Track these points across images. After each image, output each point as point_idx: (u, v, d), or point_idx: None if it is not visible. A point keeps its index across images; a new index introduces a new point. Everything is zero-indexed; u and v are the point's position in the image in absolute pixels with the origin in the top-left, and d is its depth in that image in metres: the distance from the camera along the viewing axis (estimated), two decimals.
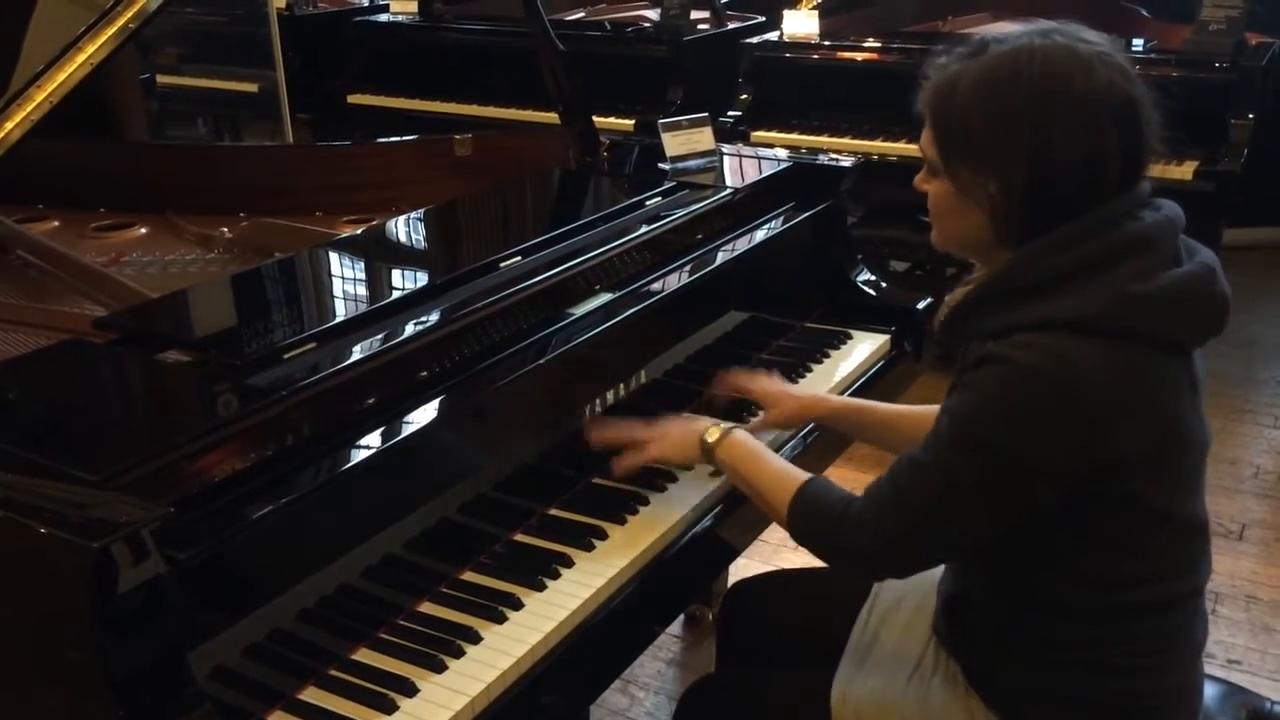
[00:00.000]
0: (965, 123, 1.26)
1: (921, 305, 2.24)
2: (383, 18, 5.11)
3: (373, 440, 1.36)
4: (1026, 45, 1.24)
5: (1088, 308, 1.19)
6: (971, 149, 1.26)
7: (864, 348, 2.14)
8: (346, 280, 1.79)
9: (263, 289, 1.75)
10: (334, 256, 1.85)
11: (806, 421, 1.81)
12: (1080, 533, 1.26)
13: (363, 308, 1.59)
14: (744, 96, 4.10)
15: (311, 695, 1.26)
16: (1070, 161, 1.22)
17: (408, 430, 1.39)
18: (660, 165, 2.24)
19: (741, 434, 1.56)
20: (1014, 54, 1.24)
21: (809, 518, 1.40)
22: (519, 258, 1.75)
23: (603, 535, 1.53)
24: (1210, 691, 1.46)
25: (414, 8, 4.97)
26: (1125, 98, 1.22)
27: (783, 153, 2.53)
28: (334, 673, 1.29)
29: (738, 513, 1.65)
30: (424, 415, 1.42)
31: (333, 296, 1.73)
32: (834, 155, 2.85)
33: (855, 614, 1.59)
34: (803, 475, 1.45)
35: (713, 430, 1.56)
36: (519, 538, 1.54)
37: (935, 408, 1.65)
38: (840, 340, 2.16)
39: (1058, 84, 1.21)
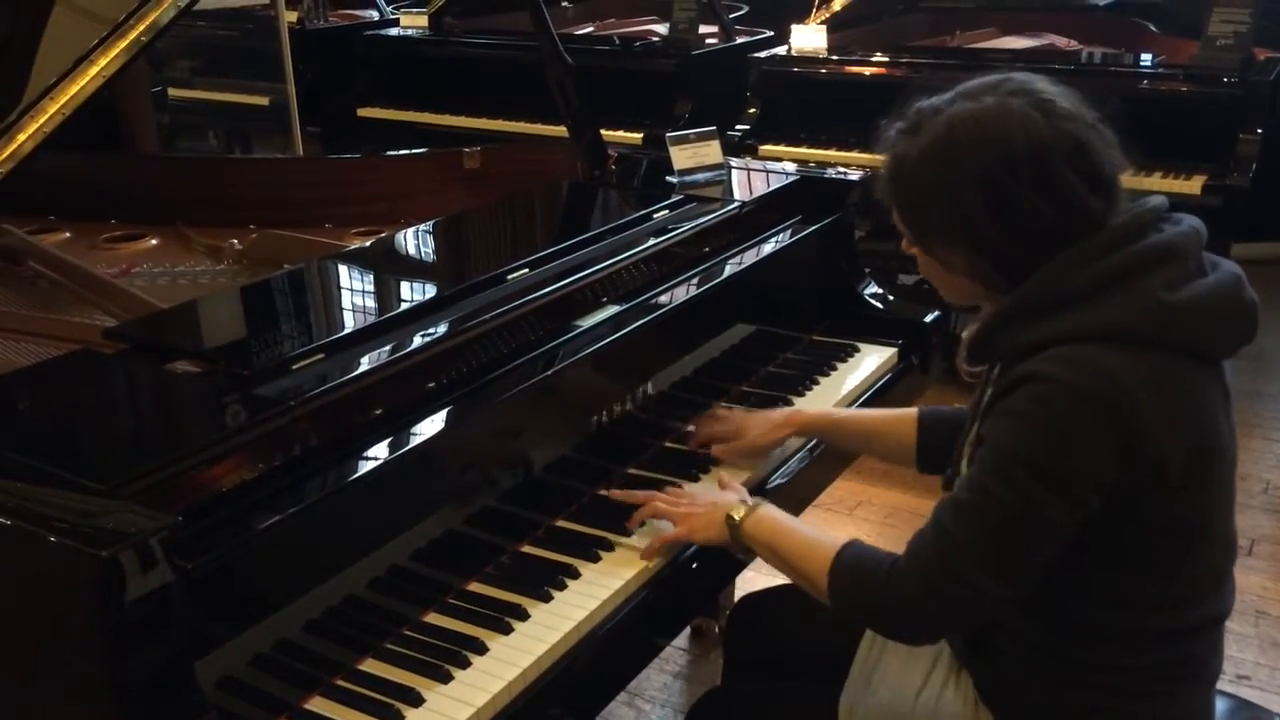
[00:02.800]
0: (920, 202, 1.29)
1: (929, 318, 2.25)
2: (393, 32, 5.14)
3: (380, 451, 1.36)
4: (958, 114, 1.25)
5: (1121, 317, 1.19)
6: (934, 224, 1.29)
7: (871, 360, 2.14)
8: (355, 292, 1.80)
9: (271, 300, 1.76)
10: (342, 268, 1.86)
11: (784, 437, 1.76)
12: (1116, 552, 1.25)
13: (371, 319, 1.60)
14: (752, 110, 4.11)
15: (318, 705, 1.26)
16: (1037, 210, 1.22)
17: (415, 441, 1.39)
18: (668, 178, 2.24)
19: (768, 508, 1.49)
20: (948, 127, 1.25)
21: (851, 582, 1.34)
22: (526, 270, 1.75)
23: (609, 547, 1.53)
24: (1219, 707, 1.45)
25: (424, 22, 5.00)
26: (1070, 138, 1.22)
27: (790, 166, 2.53)
28: (340, 683, 1.29)
29: None
30: (431, 426, 1.42)
31: (341, 308, 1.74)
32: (842, 169, 2.86)
33: (863, 629, 1.58)
34: (838, 540, 1.38)
35: (738, 508, 1.49)
36: (525, 549, 1.54)
37: (912, 411, 1.65)
38: (848, 353, 2.16)
39: (995, 146, 1.22)
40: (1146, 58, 3.83)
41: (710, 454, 1.77)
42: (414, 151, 2.63)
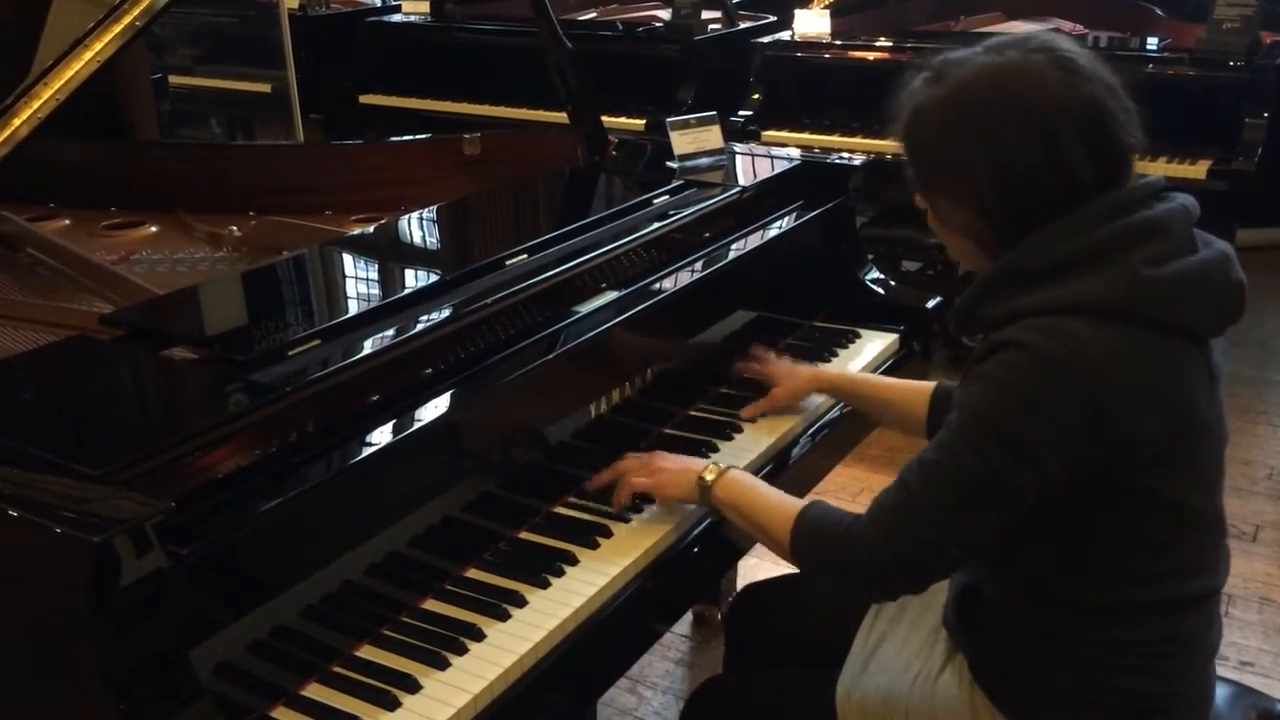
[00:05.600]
0: (929, 152, 1.29)
1: (931, 304, 2.23)
2: (395, 18, 5.13)
3: (378, 436, 1.35)
4: (980, 65, 1.25)
5: (1100, 291, 1.19)
6: (940, 176, 1.29)
7: (873, 347, 2.13)
8: (353, 277, 1.79)
9: (269, 286, 1.76)
10: (342, 254, 1.85)
11: (807, 392, 1.86)
12: (1095, 526, 1.25)
13: (369, 304, 1.59)
14: (755, 96, 4.09)
15: (315, 691, 1.25)
16: (1032, 174, 1.21)
17: (413, 426, 1.38)
18: (669, 164, 2.23)
19: (737, 472, 1.53)
20: (966, 78, 1.24)
21: (812, 540, 1.37)
22: (526, 255, 1.74)
23: (607, 533, 1.53)
24: (1220, 693, 1.45)
25: (425, 8, 4.98)
26: (1087, 100, 1.21)
27: (793, 151, 2.52)
28: (337, 669, 1.28)
29: None
30: (430, 411, 1.42)
31: (339, 293, 1.73)
32: (845, 155, 2.85)
33: (863, 616, 1.58)
34: (801, 502, 1.42)
35: (710, 470, 1.52)
36: (523, 535, 1.53)
37: (929, 384, 1.67)
38: (849, 339, 2.15)
39: (1009, 101, 1.21)
40: (1152, 41, 3.82)
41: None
42: (414, 138, 2.62)
